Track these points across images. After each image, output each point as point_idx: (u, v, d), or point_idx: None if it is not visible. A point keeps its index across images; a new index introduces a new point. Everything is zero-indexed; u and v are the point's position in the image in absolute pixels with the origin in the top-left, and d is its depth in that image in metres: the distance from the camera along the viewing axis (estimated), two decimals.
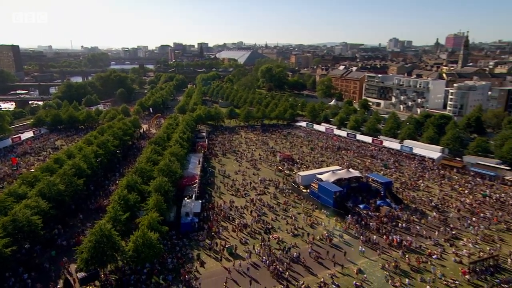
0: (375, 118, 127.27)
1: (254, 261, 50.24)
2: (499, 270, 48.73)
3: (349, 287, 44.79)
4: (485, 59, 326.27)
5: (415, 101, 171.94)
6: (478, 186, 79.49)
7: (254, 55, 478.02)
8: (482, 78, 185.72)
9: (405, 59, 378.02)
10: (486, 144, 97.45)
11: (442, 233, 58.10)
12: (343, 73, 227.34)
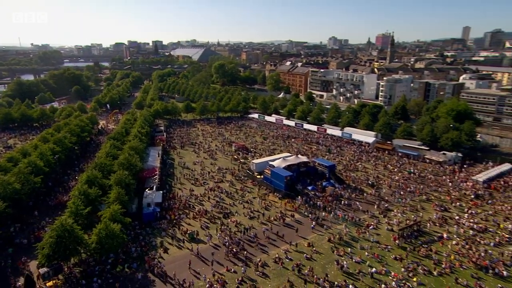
0: (319, 108, 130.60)
1: (215, 243, 50.39)
2: (421, 233, 53.06)
3: (300, 260, 46.37)
4: (407, 56, 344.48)
5: (353, 92, 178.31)
6: (404, 165, 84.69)
7: (207, 52, 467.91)
8: (406, 72, 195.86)
9: (343, 55, 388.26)
10: (410, 128, 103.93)
11: (377, 207, 61.78)
12: (290, 69, 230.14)
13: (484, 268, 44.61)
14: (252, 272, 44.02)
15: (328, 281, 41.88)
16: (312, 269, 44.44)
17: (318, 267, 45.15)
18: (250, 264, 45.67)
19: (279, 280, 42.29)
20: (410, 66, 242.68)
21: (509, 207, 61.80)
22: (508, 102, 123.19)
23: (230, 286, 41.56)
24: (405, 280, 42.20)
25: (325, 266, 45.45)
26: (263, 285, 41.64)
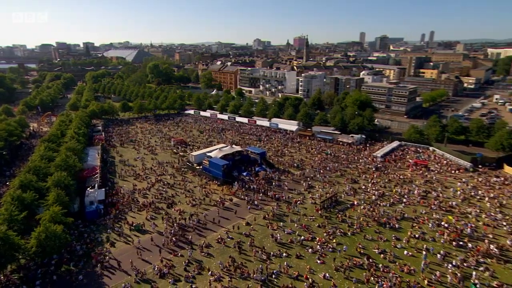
0: (248, 103, 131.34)
1: (161, 232, 48.59)
2: (338, 203, 56.85)
3: (240, 237, 46.88)
4: (319, 55, 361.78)
5: (277, 88, 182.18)
6: (322, 147, 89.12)
7: (141, 53, 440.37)
8: (319, 69, 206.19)
9: (267, 55, 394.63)
10: (325, 117, 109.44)
11: (303, 185, 64.51)
12: (221, 68, 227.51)
13: (383, 224, 49.58)
14: (197, 254, 43.45)
15: (265, 252, 43.08)
16: (252, 242, 45.43)
17: (256, 241, 46.07)
18: (195, 247, 44.94)
19: (222, 258, 42.32)
20: (322, 64, 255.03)
21: (399, 175, 68.94)
22: (394, 92, 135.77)
23: (178, 269, 40.65)
24: (327, 243, 45.12)
25: (262, 240, 46.53)
26: (208, 264, 41.41)
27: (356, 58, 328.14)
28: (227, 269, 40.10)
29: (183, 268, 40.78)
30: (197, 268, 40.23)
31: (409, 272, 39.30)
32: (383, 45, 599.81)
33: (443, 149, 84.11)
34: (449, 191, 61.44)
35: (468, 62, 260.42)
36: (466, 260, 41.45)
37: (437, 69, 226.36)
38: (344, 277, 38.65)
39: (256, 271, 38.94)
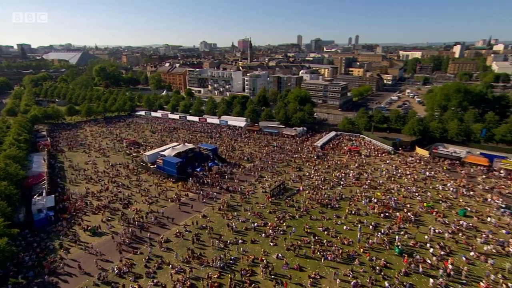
0: (198, 102, 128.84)
1: (119, 232, 45.56)
2: (286, 190, 58.65)
3: (198, 230, 46.22)
4: (262, 56, 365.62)
5: (224, 87, 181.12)
6: (269, 141, 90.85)
7: (85, 56, 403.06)
8: (263, 69, 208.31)
9: (214, 57, 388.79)
10: (270, 112, 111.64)
11: (253, 176, 65.41)
12: (169, 69, 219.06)
13: (326, 205, 52.49)
14: (157, 250, 42.00)
15: (222, 241, 43.13)
16: (210, 232, 45.15)
17: (213, 232, 45.88)
18: (154, 243, 43.30)
19: (181, 251, 41.43)
20: (266, 64, 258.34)
21: (336, 161, 73.29)
22: (329, 89, 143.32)
23: (139, 267, 38.91)
24: (278, 227, 46.52)
25: (218, 230, 46.40)
26: (169, 257, 40.23)
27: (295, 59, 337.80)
28: (187, 260, 39.45)
29: (143, 265, 39.11)
30: (158, 263, 38.95)
31: (348, 244, 42.29)
32: (317, 47, 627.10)
33: (370, 136, 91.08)
34: (377, 172, 66.94)
35: (386, 62, 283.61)
36: (391, 228, 45.80)
37: (362, 68, 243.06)
38: (295, 255, 40.30)
39: (215, 259, 38.88)
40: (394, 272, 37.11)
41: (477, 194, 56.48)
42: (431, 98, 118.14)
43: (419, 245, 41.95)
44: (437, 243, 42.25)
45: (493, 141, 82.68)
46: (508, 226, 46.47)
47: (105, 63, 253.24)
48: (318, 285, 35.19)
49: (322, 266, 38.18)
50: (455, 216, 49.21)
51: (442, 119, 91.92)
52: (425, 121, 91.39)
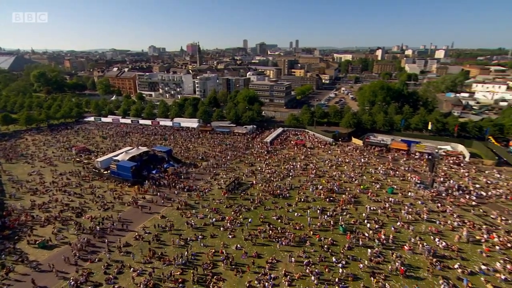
0: (150, 105, 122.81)
1: (72, 242, 41.53)
2: (240, 184, 59.00)
3: (158, 231, 44.43)
4: (211, 59, 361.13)
5: (175, 90, 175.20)
6: (222, 139, 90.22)
7: (20, 60, 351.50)
8: (212, 72, 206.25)
9: (163, 61, 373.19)
10: (221, 113, 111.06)
11: (209, 174, 64.58)
12: (118, 74, 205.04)
13: (277, 195, 54.02)
14: (117, 255, 39.36)
15: (183, 239, 42.04)
16: (171, 226, 43.66)
17: (173, 231, 44.45)
18: (113, 249, 40.48)
19: (143, 253, 39.52)
20: (214, 67, 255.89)
21: (285, 154, 75.73)
22: (275, 88, 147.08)
23: (97, 275, 36.05)
24: (235, 219, 46.72)
25: (178, 229, 45.15)
26: (129, 261, 37.96)
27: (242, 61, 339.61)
28: (148, 261, 37.72)
29: (102, 272, 36.39)
30: (118, 268, 36.58)
31: (300, 228, 44.13)
32: (262, 50, 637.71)
33: (314, 130, 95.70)
34: (321, 162, 70.67)
35: (323, 64, 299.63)
36: (335, 210, 48.90)
37: (303, 69, 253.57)
38: (252, 244, 40.92)
39: (176, 257, 37.78)
40: (339, 248, 39.74)
41: (400, 174, 62.92)
42: (361, 94, 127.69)
43: (358, 222, 45.50)
44: (372, 218, 46.24)
45: (410, 129, 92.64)
46: (423, 198, 52.66)
47: (45, 68, 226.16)
48: (275, 269, 36.22)
49: (278, 251, 39.34)
50: (385, 194, 54.24)
51: (371, 113, 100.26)
52: (358, 114, 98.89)
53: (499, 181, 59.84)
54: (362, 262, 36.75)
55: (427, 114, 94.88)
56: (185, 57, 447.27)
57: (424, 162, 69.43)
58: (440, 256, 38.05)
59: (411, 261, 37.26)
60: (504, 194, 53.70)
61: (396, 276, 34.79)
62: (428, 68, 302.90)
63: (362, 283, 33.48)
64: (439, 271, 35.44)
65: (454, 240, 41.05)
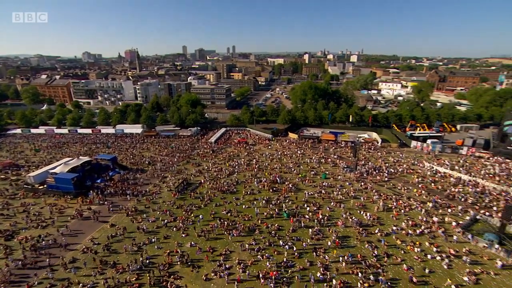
0: (89, 114, 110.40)
1: (1, 269, 35.46)
2: (189, 184, 57.29)
3: (108, 240, 40.63)
4: (151, 65, 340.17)
5: (116, 97, 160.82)
6: (167, 143, 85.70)
7: None
8: (153, 77, 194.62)
9: (100, 67, 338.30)
10: (165, 117, 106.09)
11: (157, 178, 61.17)
12: (48, 81, 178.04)
13: (225, 191, 53.86)
14: (62, 273, 34.64)
15: (135, 244, 39.13)
16: (123, 231, 40.19)
17: (125, 238, 41.06)
18: (56, 267, 35.47)
19: (93, 265, 35.67)
20: (155, 73, 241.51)
21: (229, 152, 75.87)
22: (216, 91, 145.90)
23: None
24: (187, 218, 45.25)
25: (130, 234, 41.83)
26: (78, 277, 33.84)
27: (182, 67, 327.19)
28: (100, 273, 34.21)
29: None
30: (64, 287, 32.35)
31: (248, 219, 44.79)
32: (201, 56, 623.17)
33: (254, 128, 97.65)
34: (263, 157, 72.61)
35: (259, 67, 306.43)
36: (278, 199, 50.88)
37: (241, 72, 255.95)
38: (206, 239, 40.18)
39: (130, 263, 35.04)
40: (285, 232, 41.55)
41: (331, 161, 68.41)
42: (294, 94, 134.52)
43: (299, 207, 48.14)
44: (311, 202, 49.41)
45: (336, 122, 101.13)
46: (350, 179, 58.24)
47: None
48: (229, 259, 36.20)
49: (230, 243, 39.38)
50: (320, 180, 58.39)
51: (303, 109, 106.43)
52: (292, 112, 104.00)
53: (401, 159, 69.45)
54: (305, 241, 39.08)
55: (348, 108, 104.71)
56: (124, 64, 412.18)
57: (349, 149, 76.62)
58: (365, 225, 42.66)
59: (344, 233, 40.98)
60: (405, 169, 62.55)
61: (333, 248, 37.87)
62: (346, 70, 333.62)
63: (306, 259, 35.63)
64: (364, 238, 39.73)
65: (374, 211, 46.41)
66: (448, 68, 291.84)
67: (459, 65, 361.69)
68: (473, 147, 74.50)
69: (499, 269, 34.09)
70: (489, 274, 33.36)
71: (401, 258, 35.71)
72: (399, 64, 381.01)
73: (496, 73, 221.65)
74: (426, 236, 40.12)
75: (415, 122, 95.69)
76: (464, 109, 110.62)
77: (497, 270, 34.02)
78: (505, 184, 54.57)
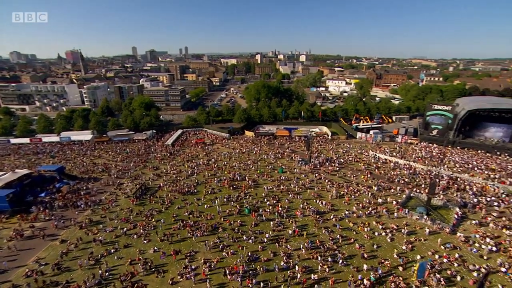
0: (24, 121, 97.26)
1: None
2: (148, 189, 54.38)
3: (58, 257, 36.52)
4: (98, 67, 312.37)
5: (58, 102, 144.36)
6: (122, 148, 79.95)
7: None
8: (101, 80, 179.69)
9: (35, 69, 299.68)
10: (117, 121, 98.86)
11: (112, 185, 56.78)
12: None
13: (186, 193, 52.33)
14: None
15: (92, 258, 35.86)
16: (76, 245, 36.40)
17: (79, 252, 37.33)
18: None
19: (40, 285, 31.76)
20: (103, 75, 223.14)
21: (187, 153, 73.77)
22: (170, 93, 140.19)
23: None
24: (147, 224, 42.90)
25: (85, 249, 38.14)
26: None
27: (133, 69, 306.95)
28: None
29: None
30: None
31: (211, 218, 44.18)
32: (153, 57, 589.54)
33: (211, 128, 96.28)
34: (221, 156, 72.06)
35: (212, 68, 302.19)
36: (239, 195, 51.08)
37: (195, 73, 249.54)
38: (169, 243, 38.61)
39: (87, 279, 32.05)
40: (247, 227, 41.93)
41: (286, 156, 70.78)
42: (248, 93, 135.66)
43: (260, 202, 48.96)
44: (270, 196, 50.58)
45: (289, 119, 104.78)
46: (305, 171, 61.03)
47: None
48: (195, 260, 35.35)
49: (194, 243, 38.45)
50: (277, 174, 60.04)
51: (258, 108, 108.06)
52: (247, 110, 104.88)
53: (349, 149, 74.98)
54: (268, 233, 39.95)
55: (299, 105, 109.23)
56: (65, 66, 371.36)
57: (302, 143, 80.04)
58: (321, 212, 45.16)
59: (303, 222, 42.86)
60: (353, 159, 67.71)
61: (293, 237, 39.39)
62: (296, 69, 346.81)
63: (269, 250, 36.48)
64: (321, 224, 42.09)
65: (328, 199, 49.39)
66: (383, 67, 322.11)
67: (391, 64, 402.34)
68: (406, 135, 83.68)
69: (427, 236, 39.22)
70: (421, 240, 38.21)
71: (354, 238, 38.69)
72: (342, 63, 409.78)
73: (418, 72, 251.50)
74: (373, 216, 44.05)
75: (359, 115, 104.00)
76: (397, 103, 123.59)
77: (426, 236, 39.12)
78: (429, 164, 62.50)
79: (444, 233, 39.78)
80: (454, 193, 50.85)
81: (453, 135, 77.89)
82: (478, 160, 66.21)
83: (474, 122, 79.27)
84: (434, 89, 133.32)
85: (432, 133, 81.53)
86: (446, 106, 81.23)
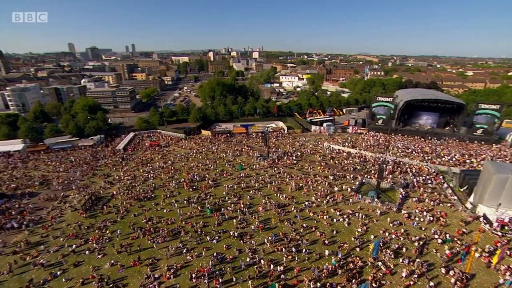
0: None
1: None
2: (99, 199, 50.07)
3: None
4: (25, 66, 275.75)
5: None
6: (64, 156, 72.70)
7: None
8: (30, 81, 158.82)
9: None
10: (56, 127, 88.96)
11: (55, 199, 50.85)
12: None
13: (142, 199, 49.59)
14: None
15: (32, 286, 31.84)
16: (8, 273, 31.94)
17: (13, 283, 32.87)
18: None
19: None
20: (32, 75, 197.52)
21: (142, 158, 69.80)
22: (118, 94, 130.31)
23: None
24: (101, 237, 39.62)
25: (23, 277, 33.69)
26: None
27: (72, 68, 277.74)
28: None
29: None
30: None
31: (172, 222, 42.63)
32: (95, 55, 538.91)
33: (165, 130, 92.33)
34: (178, 157, 69.68)
35: (163, 66, 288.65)
36: (200, 196, 50.12)
37: (144, 72, 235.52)
38: (128, 254, 36.27)
39: None
40: (210, 227, 41.43)
41: (245, 152, 71.40)
42: (202, 91, 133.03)
43: (221, 201, 48.68)
44: (231, 194, 50.60)
45: (245, 115, 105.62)
46: (264, 167, 62.35)
47: None
48: (157, 268, 33.81)
49: (155, 250, 36.75)
50: (237, 172, 60.26)
51: (213, 106, 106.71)
52: (202, 109, 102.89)
53: (305, 142, 78.64)
54: (232, 231, 40.01)
55: (255, 101, 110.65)
56: None
57: (260, 139, 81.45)
58: (282, 205, 46.68)
59: (265, 217, 43.84)
60: (309, 151, 71.22)
61: (257, 232, 40.09)
62: (249, 66, 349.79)
63: (234, 248, 36.61)
64: (283, 217, 43.56)
65: (288, 191, 51.26)
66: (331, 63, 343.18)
67: (339, 60, 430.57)
68: (356, 126, 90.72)
69: (379, 216, 43.41)
70: (373, 221, 42.12)
71: (315, 226, 40.91)
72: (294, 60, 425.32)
73: (363, 67, 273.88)
74: (331, 204, 47.04)
75: (312, 109, 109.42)
76: (346, 96, 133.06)
77: (378, 217, 43.27)
78: (377, 152, 68.94)
79: (392, 212, 44.42)
80: (398, 175, 56.98)
81: (395, 124, 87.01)
82: (415, 145, 75.17)
83: (411, 112, 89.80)
84: (377, 83, 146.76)
85: (378, 123, 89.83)
86: (388, 97, 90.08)
